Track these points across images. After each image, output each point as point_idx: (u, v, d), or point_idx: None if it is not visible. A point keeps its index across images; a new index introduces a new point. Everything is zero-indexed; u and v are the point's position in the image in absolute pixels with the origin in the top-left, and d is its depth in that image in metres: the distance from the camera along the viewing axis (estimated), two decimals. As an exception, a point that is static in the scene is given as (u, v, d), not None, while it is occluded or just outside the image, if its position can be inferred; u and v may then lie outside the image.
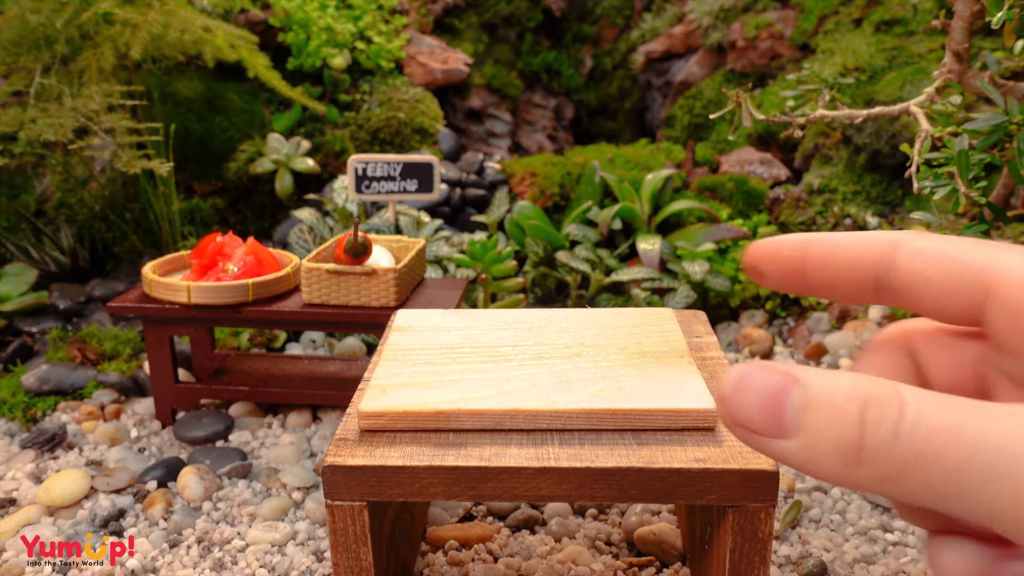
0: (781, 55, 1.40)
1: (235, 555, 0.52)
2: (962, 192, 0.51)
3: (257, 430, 0.69)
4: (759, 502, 0.34)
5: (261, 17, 1.31)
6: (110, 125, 0.89)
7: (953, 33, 0.58)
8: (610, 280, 0.91)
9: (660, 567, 0.50)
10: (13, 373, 0.79)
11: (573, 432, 0.37)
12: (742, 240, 1.02)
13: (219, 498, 0.58)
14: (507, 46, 1.67)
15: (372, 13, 1.43)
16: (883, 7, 1.28)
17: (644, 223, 1.05)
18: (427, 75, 1.43)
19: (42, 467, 0.63)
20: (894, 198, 1.07)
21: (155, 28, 0.94)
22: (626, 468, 0.34)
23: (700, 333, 0.49)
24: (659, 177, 1.09)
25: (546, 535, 0.53)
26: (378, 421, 0.37)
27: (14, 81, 0.96)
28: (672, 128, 1.47)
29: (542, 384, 0.39)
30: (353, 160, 0.90)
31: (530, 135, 1.62)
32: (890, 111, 0.63)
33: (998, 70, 0.57)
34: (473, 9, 1.64)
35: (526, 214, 1.05)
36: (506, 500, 0.35)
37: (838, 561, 0.50)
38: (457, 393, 0.38)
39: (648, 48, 1.63)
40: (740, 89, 0.66)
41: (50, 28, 0.95)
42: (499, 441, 0.36)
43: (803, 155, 1.19)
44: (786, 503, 0.55)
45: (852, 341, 0.84)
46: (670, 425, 0.37)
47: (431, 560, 0.51)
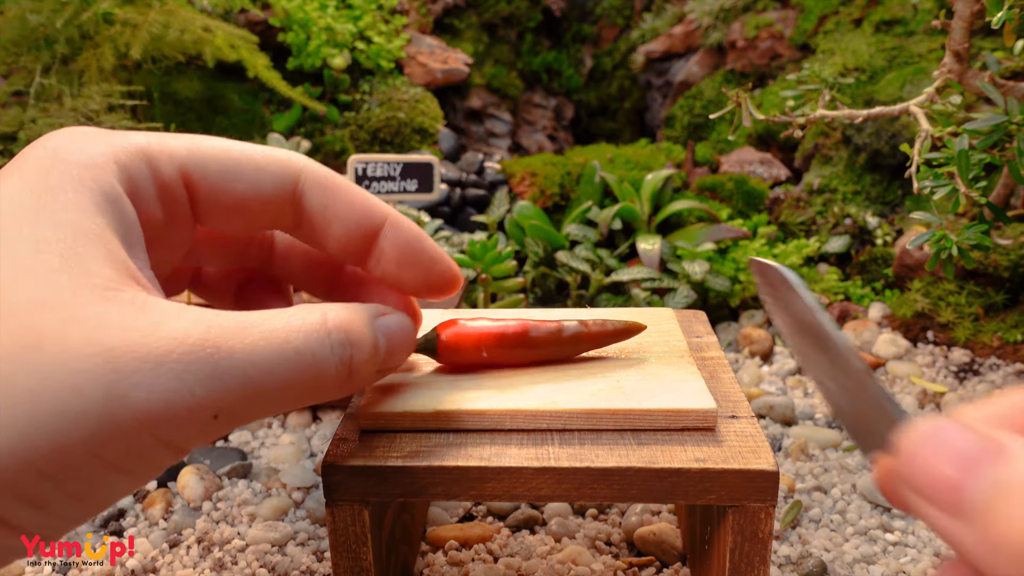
0: (781, 55, 1.40)
1: (235, 555, 0.52)
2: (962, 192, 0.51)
3: (257, 430, 0.69)
4: (759, 502, 0.34)
5: (261, 17, 1.31)
6: (110, 125, 0.89)
7: (953, 33, 0.58)
8: (610, 280, 0.91)
9: (660, 567, 0.50)
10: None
11: (573, 432, 0.37)
12: (742, 240, 1.02)
13: (219, 498, 0.58)
14: (507, 46, 1.67)
15: (372, 13, 1.43)
16: (883, 7, 1.28)
17: (644, 223, 1.05)
18: (427, 75, 1.43)
19: (42, 467, 0.63)
20: (894, 198, 1.07)
21: (155, 28, 0.94)
22: (626, 468, 0.34)
23: (700, 333, 0.49)
24: (659, 177, 1.09)
25: (546, 535, 0.53)
26: (378, 421, 0.37)
27: (14, 81, 0.96)
28: (672, 128, 1.47)
29: (542, 384, 0.39)
30: (353, 160, 0.90)
31: (530, 135, 1.62)
32: (890, 111, 0.63)
33: (998, 70, 0.57)
34: (473, 9, 1.64)
35: (526, 214, 1.05)
36: (506, 500, 0.35)
37: (838, 561, 0.50)
38: (457, 393, 0.38)
39: (648, 48, 1.63)
40: (740, 89, 0.66)
41: (50, 28, 0.95)
42: (499, 441, 0.36)
43: (803, 155, 1.19)
44: (786, 503, 0.55)
45: (852, 341, 0.84)
46: (670, 425, 0.37)
47: (431, 560, 0.51)
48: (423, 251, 0.37)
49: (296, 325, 0.28)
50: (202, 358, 0.25)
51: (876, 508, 0.55)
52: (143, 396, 0.24)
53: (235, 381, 0.26)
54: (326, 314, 0.30)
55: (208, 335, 0.26)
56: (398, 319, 0.34)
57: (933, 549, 0.51)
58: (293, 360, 0.28)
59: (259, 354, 0.26)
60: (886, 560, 0.50)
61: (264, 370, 0.26)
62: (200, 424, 0.25)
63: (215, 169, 0.32)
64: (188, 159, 0.32)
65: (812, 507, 0.55)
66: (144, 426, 0.24)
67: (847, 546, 0.52)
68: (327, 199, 0.35)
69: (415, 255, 0.36)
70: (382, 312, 0.34)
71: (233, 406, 0.26)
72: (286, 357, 0.27)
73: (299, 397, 0.29)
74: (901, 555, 0.51)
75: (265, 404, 0.27)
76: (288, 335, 0.28)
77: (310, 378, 0.28)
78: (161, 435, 0.25)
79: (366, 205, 0.35)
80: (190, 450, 0.26)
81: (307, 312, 0.29)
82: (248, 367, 0.26)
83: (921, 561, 0.50)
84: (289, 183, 0.34)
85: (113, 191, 0.28)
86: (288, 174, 0.34)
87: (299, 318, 0.29)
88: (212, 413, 0.25)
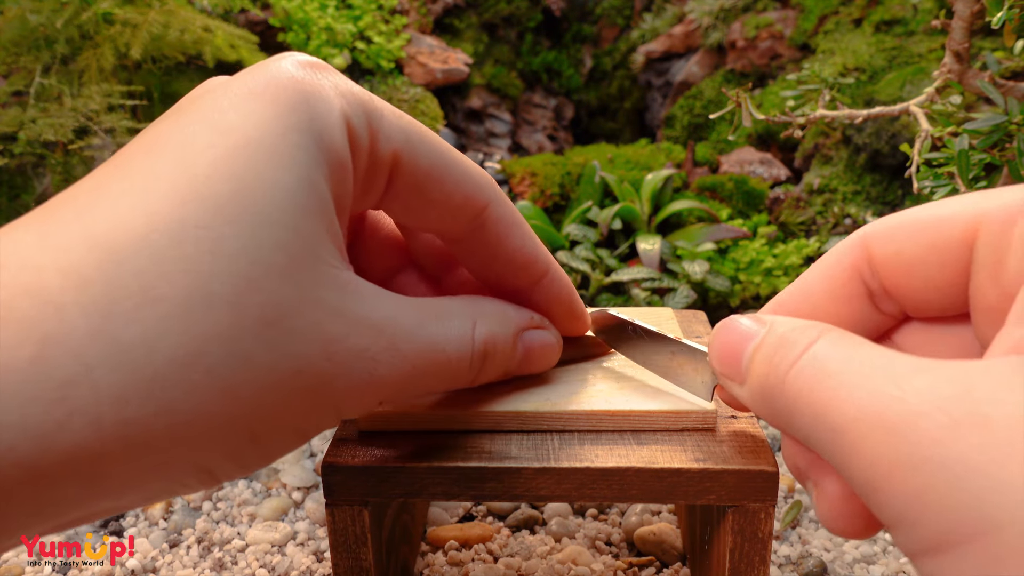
0: (781, 55, 1.40)
1: (235, 555, 0.52)
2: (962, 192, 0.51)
3: (257, 430, 0.69)
4: (759, 502, 0.34)
5: (261, 17, 1.31)
6: (110, 125, 0.89)
7: (953, 33, 0.58)
8: (610, 280, 0.91)
9: (660, 567, 0.50)
10: (13, 373, 0.79)
11: (573, 432, 0.37)
12: (742, 240, 1.02)
13: (219, 498, 0.58)
14: (507, 46, 1.67)
15: (372, 13, 1.43)
16: (883, 7, 1.28)
17: (644, 223, 1.05)
18: (427, 75, 1.43)
19: (42, 467, 0.63)
20: (894, 198, 1.07)
21: (155, 28, 0.94)
22: (626, 468, 0.34)
23: (700, 333, 0.49)
24: (659, 177, 1.09)
25: (546, 535, 0.53)
26: (378, 422, 0.37)
27: (14, 81, 0.96)
28: (672, 128, 1.47)
29: (542, 385, 0.39)
30: (353, 160, 0.90)
31: (530, 135, 1.62)
32: (890, 111, 0.63)
33: (998, 70, 0.57)
34: (473, 9, 1.64)
35: (526, 214, 1.05)
36: (506, 500, 0.35)
37: (838, 561, 0.50)
38: (457, 394, 0.38)
39: (648, 48, 1.63)
40: (740, 89, 0.66)
41: (50, 28, 0.95)
42: (499, 441, 0.36)
43: (803, 155, 1.19)
44: (786, 503, 0.55)
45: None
46: (670, 426, 0.37)
47: (431, 560, 0.51)
48: (572, 310, 0.37)
49: (453, 336, 0.30)
50: (387, 352, 0.27)
51: (876, 508, 0.56)
52: (343, 383, 0.26)
53: (397, 376, 0.28)
54: (476, 326, 0.32)
55: (395, 333, 0.28)
56: (543, 338, 0.36)
57: (933, 549, 0.51)
58: (441, 364, 0.30)
59: (422, 358, 0.29)
60: (886, 560, 0.50)
61: (420, 370, 0.29)
62: (371, 404, 0.29)
63: (425, 164, 0.30)
64: (404, 144, 0.29)
65: (812, 507, 0.55)
66: (331, 402, 0.27)
67: (847, 546, 0.52)
68: (502, 235, 0.34)
69: (564, 311, 0.37)
70: (533, 325, 0.35)
71: (396, 395, 0.29)
72: (436, 362, 0.30)
73: (425, 389, 0.31)
74: (901, 555, 0.51)
75: (403, 395, 0.31)
76: (446, 346, 0.30)
77: (443, 378, 0.31)
78: (341, 408, 0.28)
79: (535, 253, 0.35)
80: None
81: (461, 322, 0.31)
82: (411, 369, 0.29)
83: (921, 561, 0.50)
84: (478, 205, 0.32)
85: (343, 154, 0.26)
86: (482, 195, 0.32)
87: (456, 328, 0.31)
88: (379, 400, 0.29)
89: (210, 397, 0.22)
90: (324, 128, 0.25)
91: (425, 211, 0.32)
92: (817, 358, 0.22)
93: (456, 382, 0.32)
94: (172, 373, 0.21)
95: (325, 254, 0.25)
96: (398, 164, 0.29)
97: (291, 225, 0.24)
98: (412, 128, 0.29)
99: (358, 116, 0.27)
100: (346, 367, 0.26)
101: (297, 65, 0.26)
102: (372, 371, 0.27)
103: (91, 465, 0.21)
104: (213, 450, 0.24)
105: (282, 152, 0.24)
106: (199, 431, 0.22)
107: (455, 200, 0.31)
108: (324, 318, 0.25)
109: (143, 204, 0.22)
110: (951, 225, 0.25)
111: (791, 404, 0.23)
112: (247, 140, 0.23)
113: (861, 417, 0.19)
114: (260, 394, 0.23)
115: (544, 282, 0.36)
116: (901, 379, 0.19)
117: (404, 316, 0.28)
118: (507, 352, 0.34)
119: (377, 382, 0.27)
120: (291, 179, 0.24)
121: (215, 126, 0.24)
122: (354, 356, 0.26)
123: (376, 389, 0.28)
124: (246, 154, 0.23)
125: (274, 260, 0.23)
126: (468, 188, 0.31)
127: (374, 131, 0.28)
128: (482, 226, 0.33)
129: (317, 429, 0.28)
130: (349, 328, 0.26)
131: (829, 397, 0.21)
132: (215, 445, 0.23)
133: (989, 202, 0.24)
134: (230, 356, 0.22)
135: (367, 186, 0.29)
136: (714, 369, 0.29)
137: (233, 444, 0.24)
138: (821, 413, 0.21)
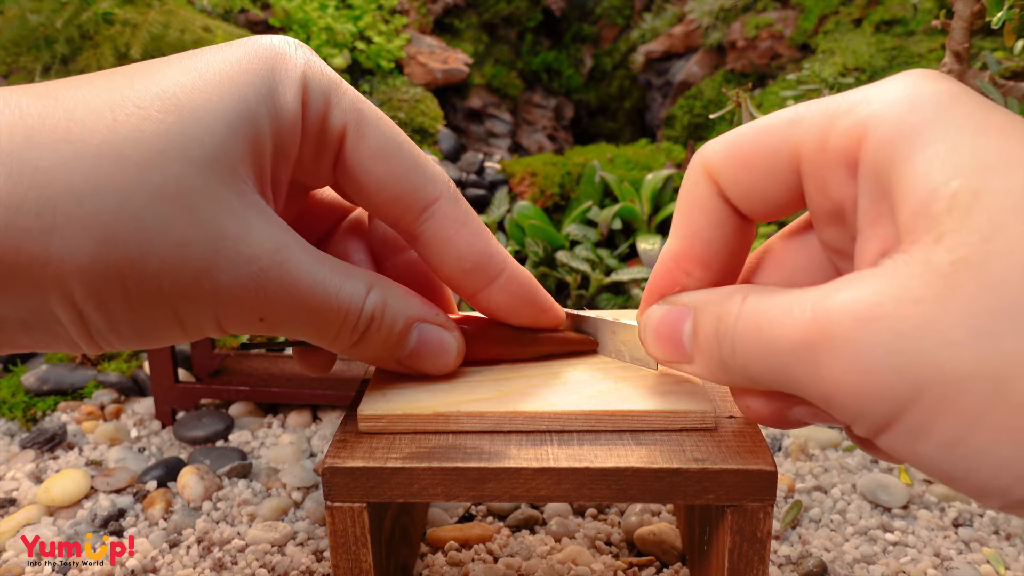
0: (781, 55, 1.40)
1: (235, 555, 0.52)
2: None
3: (257, 430, 0.69)
4: (758, 502, 0.34)
5: (261, 17, 1.31)
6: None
7: (953, 33, 0.58)
8: (610, 280, 0.91)
9: (660, 567, 0.50)
10: (13, 373, 0.79)
11: (572, 433, 0.37)
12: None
13: (219, 498, 0.58)
14: (507, 46, 1.67)
15: (372, 13, 1.43)
16: (883, 7, 1.28)
17: (644, 223, 1.05)
18: (427, 75, 1.43)
19: (42, 467, 0.63)
20: (894, 198, 1.07)
21: (155, 28, 0.94)
22: (624, 468, 0.34)
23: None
24: (659, 177, 1.09)
25: (546, 535, 0.53)
26: (378, 423, 0.37)
27: (14, 81, 0.96)
28: (672, 128, 1.47)
29: (541, 386, 0.39)
30: (353, 160, 0.90)
31: (530, 135, 1.62)
32: (890, 111, 0.62)
33: (998, 70, 0.57)
34: (473, 9, 1.64)
35: (526, 214, 1.05)
36: (506, 500, 0.35)
37: (838, 561, 0.50)
38: (456, 395, 0.38)
39: (648, 48, 1.63)
40: (740, 89, 0.66)
41: (50, 28, 0.95)
42: (498, 442, 0.36)
43: (803, 155, 1.19)
44: (786, 503, 0.55)
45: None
46: (668, 426, 0.37)
47: (431, 561, 0.51)
48: (535, 303, 0.38)
49: (346, 289, 0.32)
50: (276, 268, 0.29)
51: (876, 508, 0.56)
52: (226, 279, 0.28)
53: (282, 297, 0.30)
54: (372, 291, 0.33)
55: (289, 258, 0.30)
56: (440, 336, 0.37)
57: (933, 549, 0.51)
58: (325, 308, 0.32)
59: (309, 291, 0.31)
60: (886, 560, 0.50)
61: (303, 302, 0.31)
62: (251, 322, 0.30)
63: (373, 143, 0.33)
64: (356, 122, 0.32)
65: (812, 507, 0.55)
66: (211, 295, 0.28)
67: (847, 546, 0.52)
68: (452, 231, 0.35)
69: (527, 307, 0.38)
70: (436, 321, 0.36)
71: (276, 316, 0.31)
72: (322, 304, 0.31)
73: (305, 327, 0.32)
74: (901, 555, 0.51)
75: (282, 324, 0.32)
76: (337, 292, 0.32)
77: (324, 324, 0.32)
78: (221, 315, 0.29)
79: (489, 252, 0.36)
80: (228, 334, 0.32)
81: (358, 281, 0.33)
82: (296, 296, 0.30)
83: (921, 561, 0.50)
84: (428, 198, 0.34)
85: (291, 107, 0.30)
86: (432, 188, 0.34)
87: (351, 285, 0.32)
88: (260, 316, 0.30)
89: (90, 236, 0.26)
90: (280, 81, 0.30)
91: (373, 194, 0.34)
92: (753, 313, 0.26)
93: (336, 338, 0.33)
94: (65, 202, 0.25)
95: (242, 172, 0.28)
96: (346, 137, 0.32)
97: (218, 133, 0.28)
98: (368, 110, 0.33)
99: (317, 83, 0.31)
100: (231, 264, 0.28)
101: (282, 40, 0.31)
102: (257, 279, 0.29)
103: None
104: (86, 286, 0.26)
105: (237, 84, 0.29)
106: (76, 264, 0.26)
107: (402, 187, 0.33)
108: (221, 215, 0.28)
109: (119, 99, 0.27)
110: (776, 142, 0.30)
111: (746, 360, 0.26)
112: (214, 72, 0.29)
113: (804, 340, 0.23)
114: (138, 253, 0.26)
115: (500, 281, 0.37)
116: (823, 300, 0.23)
117: (304, 251, 0.31)
118: (394, 330, 0.35)
119: (260, 293, 0.29)
120: (234, 102, 0.28)
121: (199, 60, 0.29)
122: (243, 259, 0.28)
123: (257, 300, 0.29)
124: (209, 81, 0.28)
125: (192, 152, 0.27)
126: (416, 179, 0.34)
127: (331, 103, 0.32)
128: (432, 220, 0.34)
129: (194, 324, 0.29)
130: (244, 232, 0.28)
131: (775, 337, 0.24)
132: (87, 281, 0.26)
133: (807, 113, 0.28)
134: (119, 208, 0.26)
135: (318, 152, 0.32)
136: (658, 360, 0.32)
137: (103, 291, 0.27)
138: (771, 354, 0.25)
